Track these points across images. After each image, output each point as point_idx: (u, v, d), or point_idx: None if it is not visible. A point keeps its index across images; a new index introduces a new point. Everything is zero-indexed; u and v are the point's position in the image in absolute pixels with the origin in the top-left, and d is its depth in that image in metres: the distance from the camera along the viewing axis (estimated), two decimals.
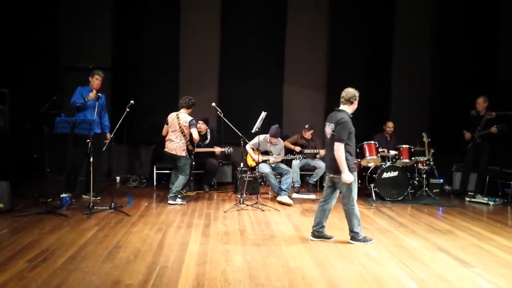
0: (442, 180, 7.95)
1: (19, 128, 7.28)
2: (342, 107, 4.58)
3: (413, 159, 7.26)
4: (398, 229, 5.18)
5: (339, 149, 4.33)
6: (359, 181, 7.26)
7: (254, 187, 7.04)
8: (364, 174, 7.26)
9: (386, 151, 7.12)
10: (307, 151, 7.47)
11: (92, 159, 5.60)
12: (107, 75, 6.76)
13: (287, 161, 7.43)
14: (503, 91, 8.17)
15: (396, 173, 6.88)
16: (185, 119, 6.26)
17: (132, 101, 5.92)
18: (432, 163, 7.44)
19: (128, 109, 5.82)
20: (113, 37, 8.35)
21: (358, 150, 7.33)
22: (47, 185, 5.58)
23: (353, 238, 4.56)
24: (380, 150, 7.09)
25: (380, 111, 8.52)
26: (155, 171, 7.83)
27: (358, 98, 4.56)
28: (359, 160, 7.26)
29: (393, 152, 7.10)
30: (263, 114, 6.46)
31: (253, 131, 6.52)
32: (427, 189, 7.47)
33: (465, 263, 4.00)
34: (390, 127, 7.82)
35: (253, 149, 6.95)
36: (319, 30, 8.72)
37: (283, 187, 6.75)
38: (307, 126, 7.59)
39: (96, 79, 6.20)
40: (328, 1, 8.69)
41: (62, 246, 4.13)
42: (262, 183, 7.85)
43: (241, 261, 3.88)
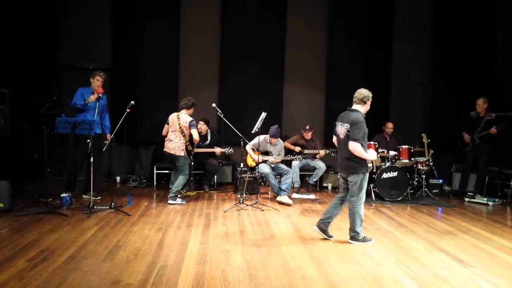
0: (441, 180, 7.97)
1: (19, 128, 7.29)
2: (355, 106, 4.58)
3: (412, 159, 7.28)
4: (397, 229, 5.19)
5: (356, 147, 4.33)
6: None
7: (254, 187, 7.05)
8: None
9: (385, 151, 7.14)
10: (306, 151, 7.48)
11: (92, 159, 5.61)
12: (107, 75, 6.76)
13: (287, 162, 7.44)
14: (502, 92, 8.18)
15: (395, 174, 6.89)
16: (185, 120, 6.27)
17: (132, 102, 5.92)
18: (431, 164, 7.45)
19: (128, 110, 5.83)
20: (112, 37, 8.35)
21: None
22: (47, 185, 5.58)
23: (353, 238, 4.57)
24: (379, 150, 7.10)
25: (379, 112, 8.51)
26: (155, 171, 7.84)
27: (371, 98, 4.57)
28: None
29: (392, 152, 7.11)
30: (263, 114, 6.47)
31: (253, 131, 6.53)
32: (426, 190, 7.49)
33: (464, 263, 4.01)
34: (389, 127, 7.83)
35: (253, 150, 6.96)
36: (318, 30, 8.72)
37: (283, 187, 6.76)
38: (307, 127, 7.60)
39: (97, 80, 6.21)
40: (327, 1, 8.70)
41: (62, 245, 4.13)
42: (262, 183, 7.86)
43: (240, 260, 3.89)
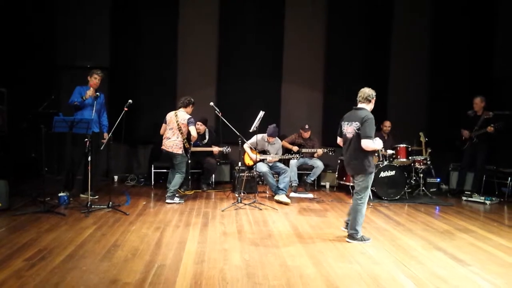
0: (439, 179, 7.99)
1: (17, 127, 7.27)
2: (360, 105, 4.60)
3: (410, 158, 7.30)
4: (395, 228, 5.20)
5: (369, 144, 4.34)
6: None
7: (252, 186, 7.05)
8: None
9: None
10: (304, 150, 7.49)
11: (90, 158, 5.60)
12: (105, 74, 6.75)
13: (285, 160, 7.45)
14: (500, 91, 8.20)
15: (393, 172, 6.90)
16: (183, 117, 6.27)
17: (130, 100, 5.90)
18: (429, 163, 7.47)
19: (126, 109, 5.82)
20: (111, 36, 8.33)
21: None
22: (45, 184, 5.58)
23: (351, 236, 4.56)
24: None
25: (377, 111, 8.49)
26: (153, 170, 7.83)
27: (375, 97, 4.60)
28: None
29: (390, 151, 7.12)
30: (261, 113, 6.47)
31: (251, 130, 6.54)
32: (424, 188, 7.51)
33: (461, 262, 4.03)
34: (387, 126, 7.85)
35: (251, 148, 6.96)
36: (317, 29, 8.73)
37: (281, 186, 6.76)
38: (306, 126, 7.59)
39: (94, 79, 6.21)
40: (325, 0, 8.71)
41: (60, 244, 4.13)
42: (260, 182, 7.86)
43: (238, 260, 3.89)
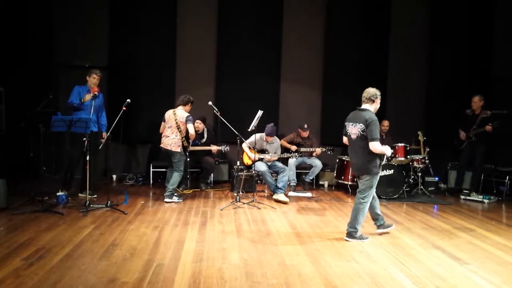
0: (437, 178, 7.99)
1: (15, 126, 7.25)
2: (364, 106, 4.59)
3: (408, 157, 7.30)
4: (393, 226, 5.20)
5: (377, 146, 4.36)
6: (355, 179, 7.31)
7: (250, 185, 7.05)
8: None
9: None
10: (303, 149, 7.48)
11: (88, 157, 5.59)
12: (103, 73, 6.74)
13: (284, 160, 7.45)
14: (499, 91, 8.21)
15: (391, 171, 6.91)
16: (181, 115, 6.27)
17: (128, 100, 5.90)
18: (427, 162, 7.48)
19: (124, 108, 5.81)
20: (109, 35, 8.32)
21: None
22: (43, 183, 5.57)
23: (350, 234, 4.57)
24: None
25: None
26: (152, 170, 7.83)
27: (379, 97, 4.60)
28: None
29: None
30: (260, 112, 6.47)
31: (249, 129, 6.54)
32: (422, 187, 7.52)
33: (459, 260, 4.03)
34: (385, 125, 7.85)
35: (249, 148, 6.96)
36: (315, 28, 8.73)
37: (279, 185, 6.76)
38: (305, 125, 7.58)
39: (93, 78, 6.21)
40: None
41: (58, 244, 4.12)
42: (258, 181, 7.86)
43: (237, 258, 3.89)
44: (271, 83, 8.59)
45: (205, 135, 7.62)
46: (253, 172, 6.87)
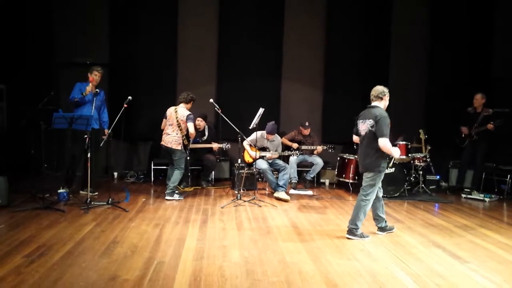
0: (438, 176, 7.97)
1: (16, 123, 7.26)
2: (374, 103, 4.63)
3: (409, 155, 7.29)
4: (394, 225, 5.19)
5: (386, 143, 4.37)
6: (356, 177, 7.32)
7: (251, 183, 7.05)
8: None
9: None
10: (304, 147, 7.48)
11: (90, 155, 5.60)
12: (105, 70, 6.74)
13: (285, 157, 7.45)
14: (500, 90, 8.18)
15: (392, 170, 6.89)
16: (182, 113, 6.27)
17: (130, 97, 5.90)
18: (428, 160, 7.47)
19: (125, 105, 5.81)
20: (110, 33, 8.30)
21: (355, 146, 7.34)
22: (45, 181, 5.58)
23: (351, 232, 4.57)
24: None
25: None
26: (153, 167, 7.83)
27: (388, 94, 4.64)
28: (357, 156, 7.27)
29: None
30: (261, 110, 6.47)
31: (250, 127, 6.53)
32: (423, 186, 7.51)
33: (460, 259, 4.03)
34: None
35: (250, 146, 6.96)
36: (316, 28, 8.70)
37: (280, 183, 6.77)
38: (306, 123, 7.57)
39: (95, 75, 6.21)
40: None
41: (59, 241, 4.13)
42: (259, 179, 7.86)
43: (238, 256, 3.89)
44: (272, 82, 8.57)
45: (206, 133, 7.62)
46: (254, 170, 6.87)
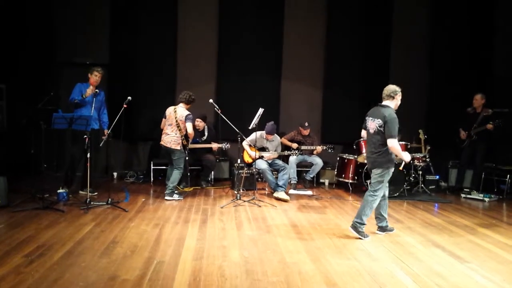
0: (438, 176, 7.98)
1: (16, 123, 7.27)
2: (385, 102, 4.66)
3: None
4: (394, 225, 5.17)
5: (394, 144, 4.40)
6: (356, 178, 7.33)
7: (251, 183, 7.05)
8: (360, 170, 7.27)
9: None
10: (304, 147, 7.48)
11: (89, 155, 5.60)
12: (104, 71, 6.73)
13: (284, 158, 7.45)
14: (499, 89, 8.19)
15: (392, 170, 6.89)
16: (181, 113, 6.26)
17: (129, 97, 5.90)
18: (428, 160, 7.46)
19: (125, 105, 5.81)
20: (110, 33, 8.29)
21: (355, 146, 7.35)
22: (44, 181, 5.58)
23: (354, 226, 4.58)
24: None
25: None
26: (152, 167, 7.82)
27: (400, 93, 4.67)
28: (356, 156, 7.29)
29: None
30: (260, 110, 6.47)
31: (250, 127, 6.53)
32: (423, 186, 7.51)
33: (460, 259, 4.04)
34: None
35: (250, 146, 6.96)
36: (316, 27, 8.70)
37: (280, 183, 6.77)
38: (306, 123, 7.57)
39: (95, 76, 6.20)
40: None
41: (59, 241, 4.13)
42: (259, 179, 7.86)
43: (237, 256, 3.89)
44: (272, 82, 8.57)
45: (206, 133, 7.62)
46: (254, 170, 6.87)
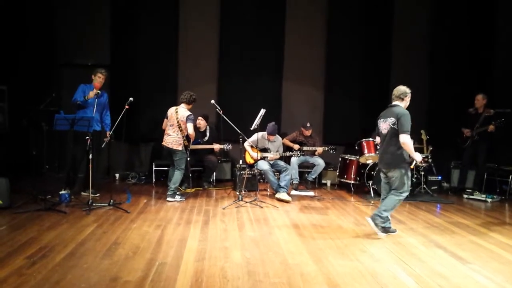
0: (440, 177, 7.96)
1: (18, 125, 7.28)
2: (395, 103, 4.69)
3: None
4: (396, 226, 5.16)
5: (406, 140, 4.42)
6: (358, 178, 7.31)
7: (252, 184, 7.05)
8: (362, 171, 7.27)
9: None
10: (305, 148, 7.47)
11: (91, 156, 5.60)
12: (106, 72, 6.75)
13: (286, 158, 7.45)
14: (502, 90, 8.17)
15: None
16: (183, 114, 6.26)
17: (131, 98, 5.90)
18: (430, 160, 7.45)
19: (127, 106, 5.81)
20: (111, 34, 8.32)
21: (356, 147, 7.34)
22: (46, 182, 5.58)
23: (373, 218, 4.65)
24: (378, 147, 7.08)
25: (378, 109, 8.47)
26: (154, 168, 7.84)
27: (409, 95, 4.68)
28: (358, 157, 7.28)
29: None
30: (262, 111, 6.46)
31: (252, 128, 6.53)
32: (425, 186, 7.50)
33: (462, 259, 4.02)
34: None
35: (252, 147, 6.96)
36: (317, 28, 8.71)
37: (282, 184, 6.76)
38: (308, 124, 7.56)
39: (98, 77, 6.20)
40: None
41: (61, 242, 4.13)
42: (260, 180, 7.86)
43: (239, 257, 3.89)
44: (273, 82, 8.57)
45: (208, 134, 7.62)
46: (256, 171, 6.87)
